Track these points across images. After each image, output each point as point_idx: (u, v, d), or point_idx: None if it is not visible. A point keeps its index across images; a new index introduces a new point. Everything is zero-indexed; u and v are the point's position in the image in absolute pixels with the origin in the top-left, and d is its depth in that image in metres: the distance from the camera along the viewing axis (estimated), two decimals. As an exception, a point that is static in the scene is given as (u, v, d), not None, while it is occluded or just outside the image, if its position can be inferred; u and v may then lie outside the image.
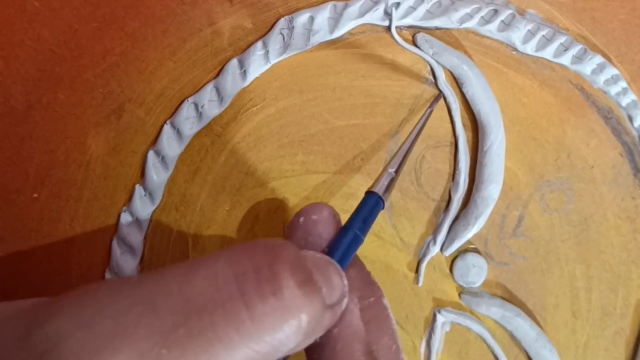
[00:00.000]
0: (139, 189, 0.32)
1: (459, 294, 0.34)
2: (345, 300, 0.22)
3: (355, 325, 0.23)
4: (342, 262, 0.23)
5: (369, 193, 0.27)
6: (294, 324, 0.19)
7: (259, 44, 0.31)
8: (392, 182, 0.27)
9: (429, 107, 0.32)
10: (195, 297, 0.19)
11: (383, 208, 0.27)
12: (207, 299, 0.19)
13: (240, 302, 0.19)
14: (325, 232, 0.25)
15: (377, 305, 0.24)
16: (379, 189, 0.27)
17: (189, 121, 0.31)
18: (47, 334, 0.19)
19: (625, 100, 0.33)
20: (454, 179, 0.33)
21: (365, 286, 0.25)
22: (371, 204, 0.26)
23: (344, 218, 0.33)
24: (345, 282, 0.22)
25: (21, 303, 0.22)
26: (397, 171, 0.28)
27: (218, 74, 0.31)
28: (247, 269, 0.20)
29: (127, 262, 0.32)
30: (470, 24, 0.32)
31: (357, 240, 0.24)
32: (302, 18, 0.31)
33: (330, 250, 0.24)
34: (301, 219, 0.25)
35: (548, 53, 0.33)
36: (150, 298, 0.19)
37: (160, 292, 0.19)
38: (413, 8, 0.32)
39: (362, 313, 0.23)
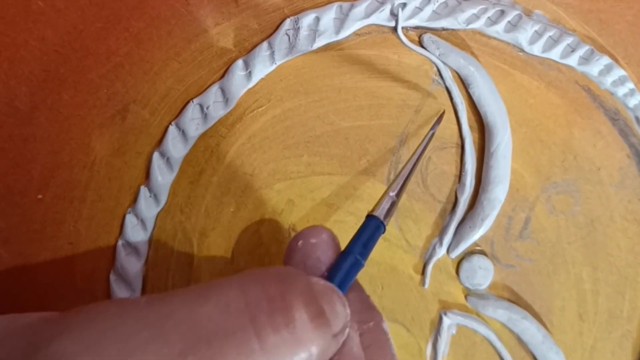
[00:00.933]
0: (143, 191, 0.31)
1: (465, 296, 0.34)
2: (348, 329, 0.22)
3: (355, 352, 0.22)
4: (342, 286, 0.23)
5: (370, 217, 0.26)
6: (303, 356, 0.19)
7: (265, 44, 0.31)
8: (393, 205, 0.27)
9: (431, 128, 0.31)
10: (205, 324, 0.19)
11: (384, 232, 0.26)
12: (217, 327, 0.19)
13: (252, 332, 0.19)
14: (324, 255, 0.24)
15: (376, 330, 0.24)
16: (380, 213, 0.26)
17: (194, 122, 0.31)
18: (53, 353, 0.18)
19: (632, 102, 0.33)
20: (460, 180, 0.33)
21: (365, 310, 0.24)
22: (372, 228, 0.25)
23: (350, 220, 0.32)
24: (348, 310, 0.22)
25: (27, 317, 0.21)
26: (398, 194, 0.27)
27: (223, 75, 0.31)
28: (260, 298, 0.19)
29: (131, 264, 0.31)
30: (477, 25, 0.32)
31: (358, 265, 0.24)
32: (307, 19, 0.31)
33: (330, 274, 0.23)
34: (300, 242, 0.24)
35: (555, 54, 0.32)
36: (158, 323, 0.19)
37: (169, 317, 0.19)
38: (419, 9, 0.31)
39: (362, 338, 0.23)
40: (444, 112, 0.32)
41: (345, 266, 0.23)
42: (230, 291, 0.19)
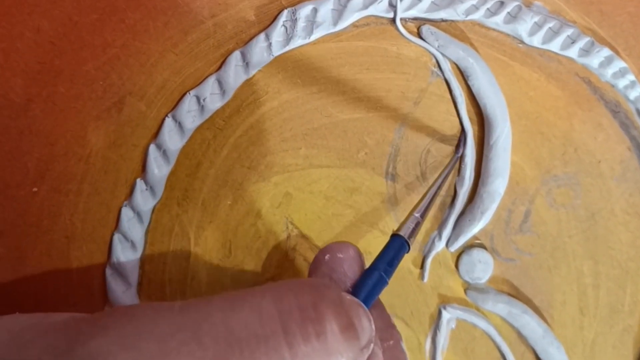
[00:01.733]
0: (140, 183, 0.30)
1: (465, 290, 0.33)
2: (372, 344, 0.22)
3: None
4: (366, 302, 0.23)
5: (395, 236, 0.26)
6: None
7: (262, 36, 0.30)
8: (417, 226, 0.27)
9: (456, 152, 0.32)
10: (239, 329, 0.19)
11: (408, 252, 0.26)
12: (250, 333, 0.19)
13: (283, 340, 0.19)
14: (350, 271, 0.24)
15: (396, 349, 0.24)
16: (405, 232, 0.26)
17: (190, 114, 0.30)
18: (90, 352, 0.18)
19: (633, 94, 0.32)
20: (459, 173, 0.32)
21: (386, 328, 0.25)
22: (396, 246, 0.26)
23: (349, 214, 0.32)
24: (373, 326, 0.22)
25: (58, 317, 0.21)
26: (422, 216, 0.27)
27: (220, 67, 0.30)
28: (292, 307, 0.20)
29: (128, 258, 0.31)
30: (476, 16, 0.31)
31: (382, 282, 0.24)
32: (305, 10, 0.30)
33: (355, 290, 0.23)
34: (327, 256, 0.25)
35: (555, 46, 0.31)
36: (193, 326, 0.19)
37: (204, 321, 0.19)
38: (418, 0, 0.31)
39: (383, 355, 0.23)
40: (463, 131, 0.32)
41: (370, 283, 0.24)
42: (263, 299, 0.20)
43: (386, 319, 0.25)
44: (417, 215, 0.27)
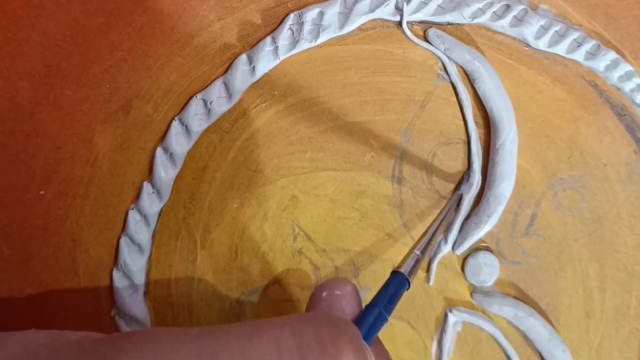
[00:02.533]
0: (146, 186, 0.30)
1: (471, 293, 0.33)
2: None
3: None
4: (366, 339, 0.22)
5: (395, 273, 0.26)
6: None
7: (268, 39, 0.30)
8: (418, 262, 0.27)
9: (457, 189, 0.31)
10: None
11: (408, 289, 0.26)
12: None
13: None
14: (348, 307, 0.24)
15: None
16: (405, 269, 0.26)
17: (197, 117, 0.30)
18: None
19: (639, 97, 0.32)
20: (467, 181, 0.32)
21: None
22: (397, 283, 0.25)
23: (355, 217, 0.31)
24: None
25: (72, 335, 0.21)
26: (423, 252, 0.27)
27: (227, 70, 0.30)
28: (311, 341, 0.19)
29: (134, 261, 0.30)
30: (482, 20, 0.30)
31: (382, 319, 0.24)
32: (311, 13, 0.30)
33: (356, 326, 0.23)
34: (324, 293, 0.24)
35: (561, 49, 0.31)
36: (211, 354, 0.19)
37: (222, 350, 0.19)
38: (424, 3, 0.30)
39: None
40: (469, 170, 0.31)
41: (370, 319, 0.23)
42: (282, 331, 0.19)
43: (385, 356, 0.24)
44: (418, 252, 0.27)
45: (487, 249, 0.32)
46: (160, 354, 0.19)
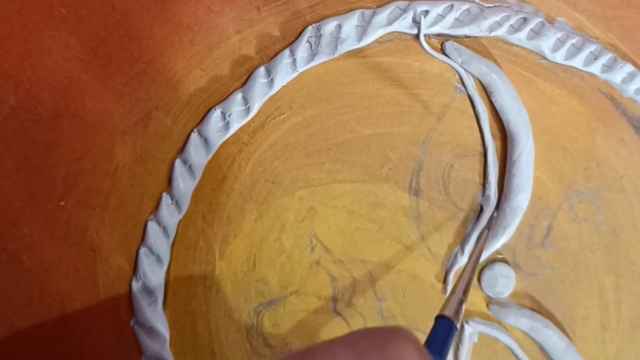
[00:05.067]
0: (165, 198, 0.29)
1: (487, 305, 0.31)
2: None
3: None
4: None
5: (441, 317, 0.24)
6: None
7: (287, 52, 0.29)
8: (461, 305, 0.25)
9: (482, 236, 0.30)
10: None
11: (456, 332, 0.24)
12: None
13: None
14: None
15: None
16: (450, 313, 0.24)
17: (216, 129, 0.29)
18: None
19: (655, 110, 0.30)
20: (484, 192, 0.30)
21: None
22: (445, 329, 0.23)
23: (372, 228, 0.30)
24: None
25: None
26: (465, 293, 0.25)
27: (245, 82, 0.29)
28: (369, 348, 0.18)
29: (154, 271, 0.29)
30: (500, 32, 0.29)
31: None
32: (329, 26, 0.29)
33: None
34: None
35: (578, 62, 0.30)
36: None
37: None
38: (442, 16, 0.29)
39: None
40: (494, 215, 0.30)
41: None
42: (336, 349, 0.18)
43: None
44: (460, 295, 0.25)
45: (504, 260, 0.31)
46: None
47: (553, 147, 0.30)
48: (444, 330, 0.23)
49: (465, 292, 0.25)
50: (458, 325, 0.24)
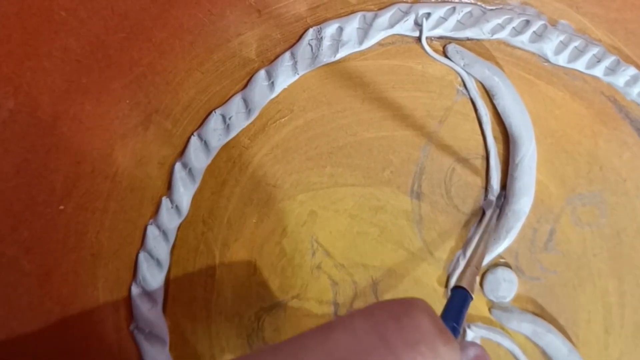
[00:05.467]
0: (165, 202, 0.28)
1: (489, 309, 0.31)
2: None
3: None
4: None
5: (457, 288, 0.24)
6: None
7: (287, 54, 0.28)
8: (474, 277, 0.25)
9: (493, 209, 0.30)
10: (336, 350, 0.18)
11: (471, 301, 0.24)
12: (348, 351, 0.18)
13: (384, 350, 0.17)
14: None
15: None
16: (466, 283, 0.24)
17: (216, 133, 0.28)
18: None
19: (659, 113, 0.30)
20: (486, 196, 0.30)
21: None
22: (461, 298, 0.24)
23: (374, 232, 0.30)
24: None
25: None
26: (477, 267, 0.26)
27: (246, 85, 0.28)
28: (386, 320, 0.18)
29: (153, 276, 0.29)
30: (502, 35, 0.29)
31: (456, 333, 0.22)
32: (330, 29, 0.28)
33: None
34: None
35: (580, 64, 0.29)
36: (291, 355, 0.18)
37: (300, 349, 0.18)
38: (444, 19, 0.28)
39: None
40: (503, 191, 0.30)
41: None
42: (354, 320, 0.19)
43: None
44: (474, 267, 0.25)
45: (506, 264, 0.31)
46: None
47: (556, 151, 0.30)
48: (460, 299, 0.23)
49: (478, 265, 0.26)
50: (473, 296, 0.24)
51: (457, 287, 0.24)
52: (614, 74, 0.29)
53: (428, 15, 0.28)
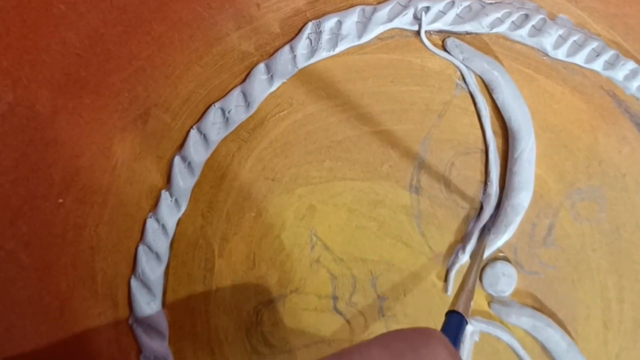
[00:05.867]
0: (165, 195, 0.28)
1: (489, 303, 0.31)
2: None
3: None
4: None
5: (452, 313, 0.24)
6: None
7: (286, 48, 0.28)
8: (469, 300, 0.25)
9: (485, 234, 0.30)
10: None
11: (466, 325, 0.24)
12: None
13: None
14: None
15: None
16: (460, 307, 0.24)
17: (215, 126, 0.28)
18: None
19: (658, 107, 0.30)
20: (485, 190, 0.30)
21: None
22: (456, 323, 0.23)
23: (373, 227, 0.29)
24: None
25: None
26: (472, 289, 0.26)
27: (245, 79, 0.28)
28: (403, 350, 0.18)
29: (152, 269, 0.29)
30: (501, 29, 0.29)
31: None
32: (329, 22, 0.28)
33: None
34: None
35: (579, 59, 0.29)
36: None
37: None
38: (443, 12, 0.28)
39: None
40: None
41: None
42: (371, 349, 0.19)
43: None
44: (469, 289, 0.25)
45: (505, 259, 0.30)
46: None
47: (555, 145, 0.30)
48: (456, 325, 0.23)
49: (472, 289, 0.26)
50: (468, 320, 0.24)
51: (452, 312, 0.24)
52: (613, 68, 0.29)
53: (427, 9, 0.28)
